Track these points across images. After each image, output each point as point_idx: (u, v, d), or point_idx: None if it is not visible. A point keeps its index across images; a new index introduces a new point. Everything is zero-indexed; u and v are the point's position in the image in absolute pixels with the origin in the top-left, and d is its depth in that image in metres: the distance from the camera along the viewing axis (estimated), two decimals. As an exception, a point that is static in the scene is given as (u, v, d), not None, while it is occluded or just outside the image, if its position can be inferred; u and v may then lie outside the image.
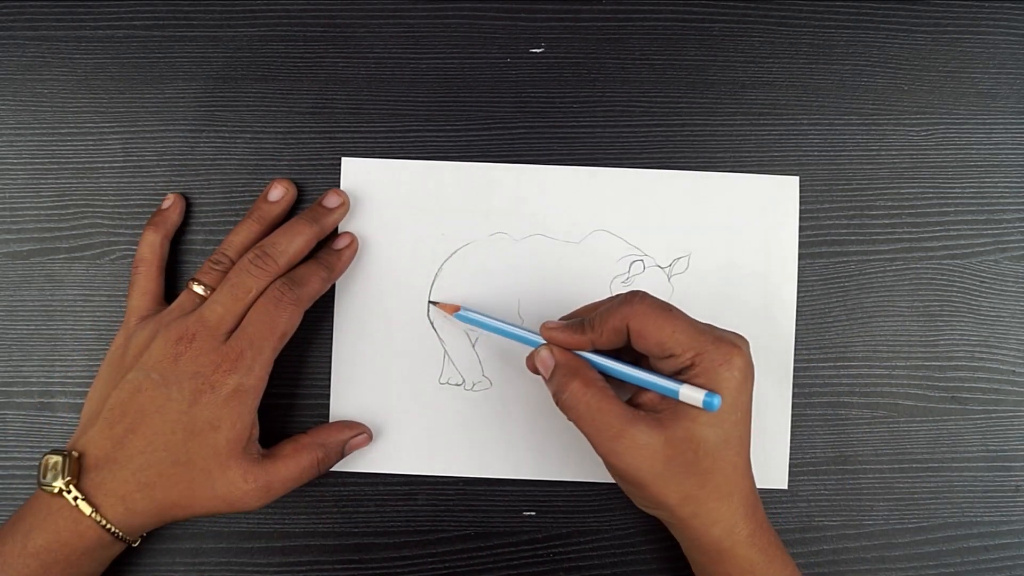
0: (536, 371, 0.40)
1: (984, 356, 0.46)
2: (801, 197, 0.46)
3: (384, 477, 0.44)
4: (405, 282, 0.45)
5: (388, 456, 0.44)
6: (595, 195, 0.45)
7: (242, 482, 0.38)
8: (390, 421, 0.44)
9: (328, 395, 0.44)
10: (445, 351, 0.45)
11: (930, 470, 0.45)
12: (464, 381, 0.45)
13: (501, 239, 0.45)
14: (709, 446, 0.36)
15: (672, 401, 0.36)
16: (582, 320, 0.39)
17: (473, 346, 0.45)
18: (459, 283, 0.45)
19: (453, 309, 0.43)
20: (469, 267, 0.45)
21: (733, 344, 0.36)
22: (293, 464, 0.40)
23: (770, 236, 0.45)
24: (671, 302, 0.38)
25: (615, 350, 0.39)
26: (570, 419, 0.38)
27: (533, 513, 0.45)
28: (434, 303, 0.44)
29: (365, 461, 0.44)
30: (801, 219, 0.46)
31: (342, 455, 0.43)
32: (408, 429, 0.44)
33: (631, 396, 0.39)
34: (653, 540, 0.45)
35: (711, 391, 0.35)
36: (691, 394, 0.35)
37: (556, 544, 0.45)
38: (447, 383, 0.45)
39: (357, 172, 0.45)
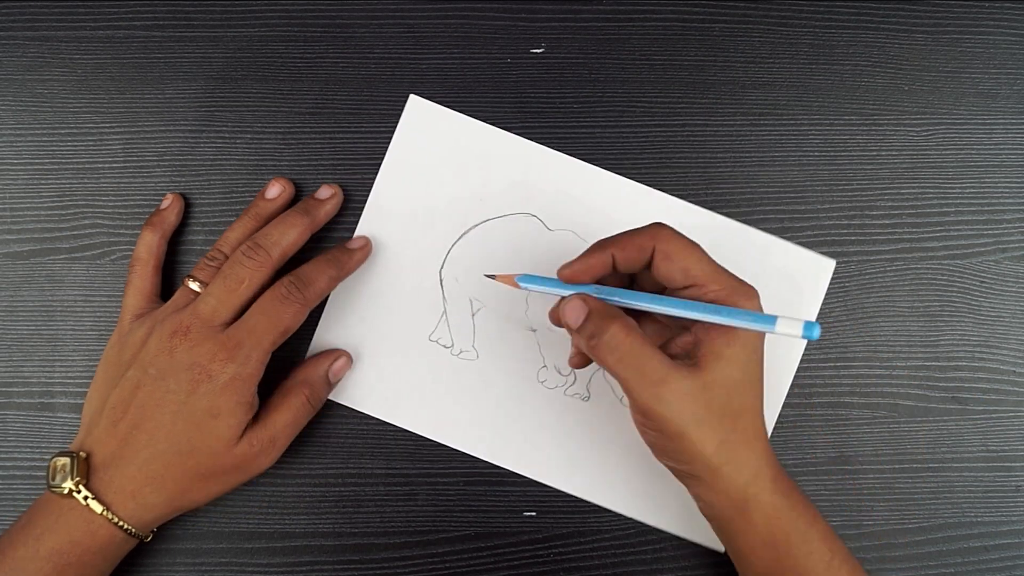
0: (558, 323, 0.38)
1: (984, 356, 0.46)
2: (801, 197, 0.46)
3: (384, 478, 0.44)
4: (431, 231, 0.45)
5: (358, 393, 0.44)
6: (638, 212, 0.45)
7: (248, 448, 0.39)
8: (370, 358, 0.44)
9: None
10: (444, 311, 0.45)
11: (930, 470, 0.45)
12: (453, 345, 0.45)
13: (534, 223, 0.45)
14: (739, 386, 0.36)
15: (705, 343, 0.36)
16: (599, 241, 0.37)
17: (472, 315, 0.45)
18: (482, 250, 0.45)
19: (508, 280, 0.40)
20: (496, 238, 0.45)
21: (751, 286, 0.36)
22: (286, 410, 0.41)
23: (789, 307, 0.45)
24: None
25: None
26: (607, 364, 0.35)
27: (534, 513, 0.45)
28: (491, 276, 0.42)
29: (337, 392, 0.44)
30: (801, 219, 0.46)
31: (329, 385, 0.43)
32: (383, 371, 0.44)
33: (663, 346, 0.38)
34: (653, 540, 0.45)
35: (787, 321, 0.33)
36: (790, 326, 0.32)
37: (556, 544, 0.45)
38: (436, 342, 0.45)
39: (420, 112, 0.45)
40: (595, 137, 0.46)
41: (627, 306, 0.37)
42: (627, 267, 0.37)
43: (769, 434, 0.45)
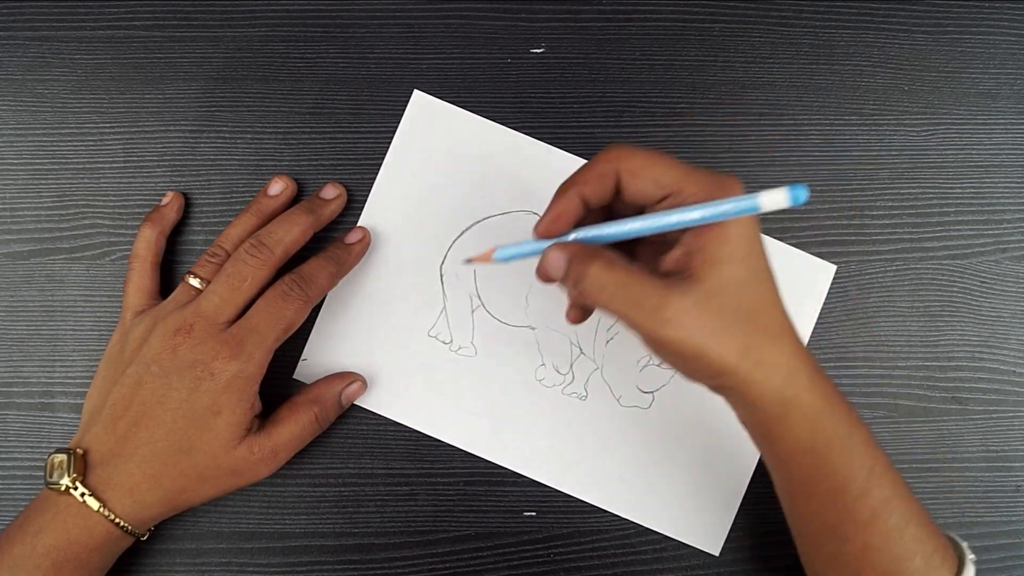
0: (548, 278, 0.35)
1: (985, 356, 0.46)
2: (801, 197, 0.46)
3: (384, 478, 0.44)
4: (432, 227, 0.45)
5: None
6: None
7: (248, 455, 0.39)
8: (368, 351, 0.45)
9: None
10: (444, 307, 0.45)
11: (930, 470, 0.45)
12: (452, 341, 0.45)
13: (536, 221, 0.45)
14: (747, 284, 0.33)
15: (698, 251, 0.33)
16: (561, 186, 0.35)
17: (472, 312, 0.45)
18: (483, 247, 0.44)
19: (486, 258, 0.38)
20: (497, 235, 0.45)
21: (727, 175, 0.33)
22: (292, 424, 0.40)
23: (788, 310, 0.45)
24: None
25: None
26: (600, 305, 0.33)
27: (533, 513, 0.45)
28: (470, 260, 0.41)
29: None
30: (801, 219, 0.46)
31: (340, 407, 0.43)
32: (382, 364, 0.44)
33: (655, 267, 0.35)
34: (653, 540, 0.45)
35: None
36: (774, 197, 0.29)
37: (556, 544, 0.45)
38: (435, 337, 0.45)
39: (424, 108, 0.45)
40: (595, 137, 0.46)
41: (609, 239, 0.35)
42: (598, 200, 0.35)
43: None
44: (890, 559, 0.35)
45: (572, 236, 0.35)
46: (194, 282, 0.41)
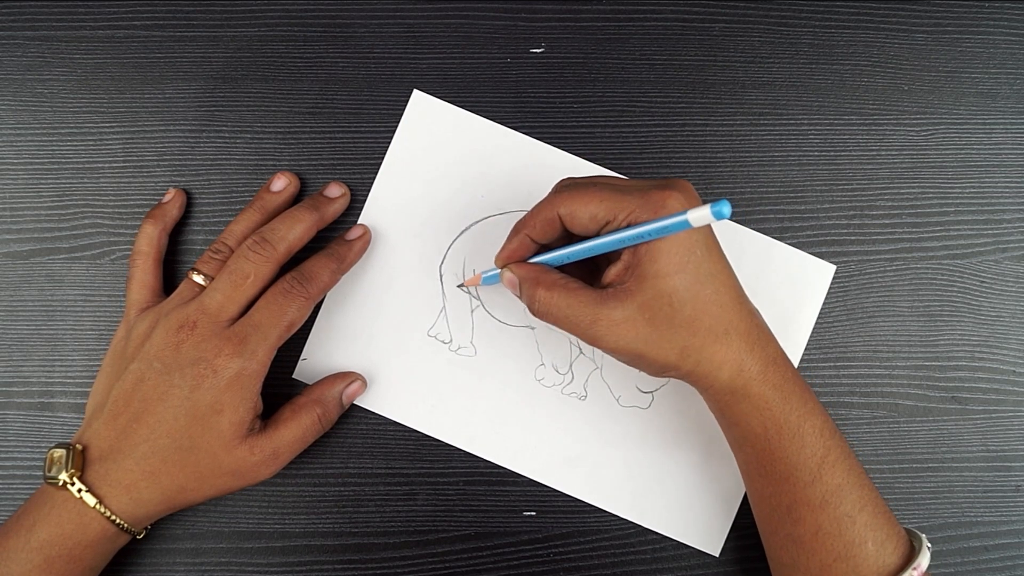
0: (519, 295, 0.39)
1: (984, 356, 0.46)
2: (801, 197, 0.46)
3: (384, 478, 0.44)
4: (432, 227, 0.45)
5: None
6: None
7: (249, 455, 0.39)
8: (368, 351, 0.44)
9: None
10: (444, 306, 0.45)
11: (930, 470, 0.45)
12: (451, 341, 0.45)
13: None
14: (683, 294, 0.35)
15: (633, 267, 0.35)
16: (515, 224, 0.39)
17: (471, 312, 0.45)
18: (482, 247, 0.45)
19: (475, 281, 0.43)
20: (496, 235, 0.45)
21: (664, 188, 0.35)
22: (295, 425, 0.40)
23: (787, 311, 0.45)
24: None
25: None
26: (550, 324, 0.37)
27: (533, 513, 0.45)
28: (461, 286, 0.45)
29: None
30: (801, 219, 0.46)
31: (341, 407, 0.43)
32: (381, 364, 0.44)
33: (600, 280, 0.38)
34: (653, 540, 0.45)
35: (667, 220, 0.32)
36: (700, 214, 0.31)
37: (556, 544, 0.45)
38: (434, 337, 0.45)
39: (423, 107, 0.45)
40: (595, 137, 0.46)
41: (556, 263, 0.38)
42: (546, 239, 0.38)
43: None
44: (842, 543, 0.37)
45: (529, 260, 0.39)
46: (198, 279, 0.41)
